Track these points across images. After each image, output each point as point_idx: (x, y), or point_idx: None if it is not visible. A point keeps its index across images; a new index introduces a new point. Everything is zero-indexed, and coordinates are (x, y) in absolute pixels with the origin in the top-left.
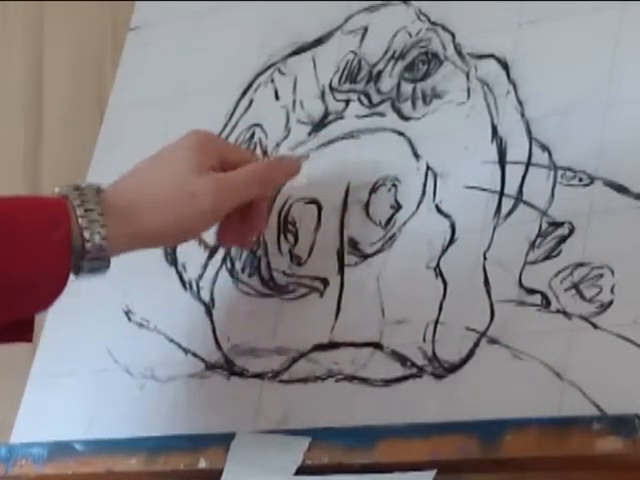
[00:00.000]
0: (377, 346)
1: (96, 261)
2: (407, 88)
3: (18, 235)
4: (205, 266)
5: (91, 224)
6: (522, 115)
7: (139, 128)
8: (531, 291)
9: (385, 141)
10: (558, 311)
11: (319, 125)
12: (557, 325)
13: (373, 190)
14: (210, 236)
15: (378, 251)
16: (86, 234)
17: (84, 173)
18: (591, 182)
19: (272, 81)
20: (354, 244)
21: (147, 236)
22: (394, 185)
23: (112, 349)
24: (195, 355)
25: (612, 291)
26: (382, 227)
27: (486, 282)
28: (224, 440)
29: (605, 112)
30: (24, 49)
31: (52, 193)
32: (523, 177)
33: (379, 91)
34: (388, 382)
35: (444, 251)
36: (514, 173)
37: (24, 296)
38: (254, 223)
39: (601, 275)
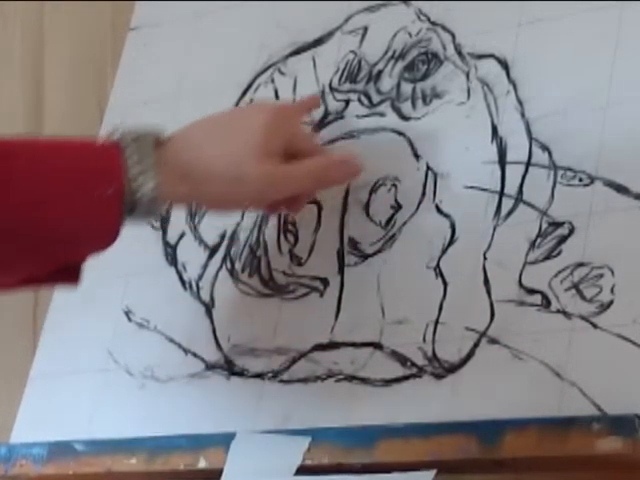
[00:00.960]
0: (377, 346)
1: (146, 212)
2: (407, 88)
3: (70, 189)
4: (205, 266)
5: (144, 179)
6: (522, 115)
7: None
8: (531, 291)
9: (385, 141)
10: (558, 311)
11: (319, 125)
12: (557, 325)
13: (373, 190)
14: (210, 236)
15: (378, 251)
16: (138, 188)
17: None
18: (591, 182)
19: (272, 81)
20: (354, 244)
21: (195, 198)
22: (394, 185)
23: (112, 349)
24: (195, 355)
25: (612, 291)
26: (382, 227)
27: (486, 282)
28: (224, 440)
29: (605, 112)
30: (24, 49)
31: (110, 135)
32: (523, 177)
33: (379, 91)
34: (388, 382)
35: (444, 251)
36: (514, 173)
37: (74, 246)
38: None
39: (601, 275)
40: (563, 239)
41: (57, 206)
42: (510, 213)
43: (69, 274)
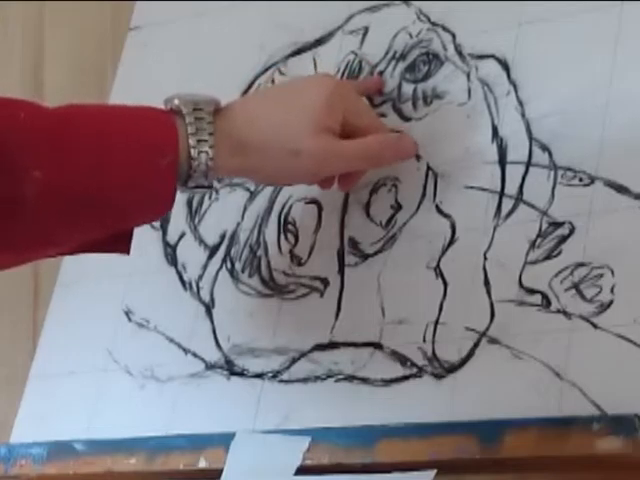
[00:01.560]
0: (377, 346)
1: (199, 182)
2: (408, 88)
3: (128, 157)
4: (205, 266)
5: (200, 150)
6: (522, 115)
7: None
8: (531, 291)
9: None
10: (558, 311)
11: None
12: (557, 325)
13: (373, 190)
14: (210, 236)
15: (378, 251)
16: (194, 159)
17: None
18: (591, 182)
19: (272, 81)
20: (354, 244)
21: (249, 172)
22: (394, 185)
23: (112, 349)
24: (195, 355)
25: (612, 291)
26: (382, 227)
27: (486, 282)
28: (224, 440)
29: (605, 112)
30: (24, 49)
31: (168, 102)
32: (523, 177)
33: (380, 91)
34: (388, 382)
35: (444, 251)
36: (514, 173)
37: (127, 213)
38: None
39: (601, 275)
40: (563, 239)
41: (114, 174)
42: (510, 213)
43: (120, 241)
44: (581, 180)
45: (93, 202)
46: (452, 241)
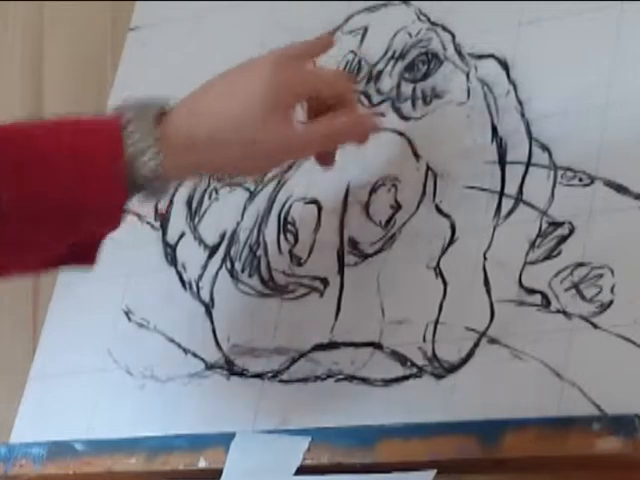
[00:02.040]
0: (377, 346)
1: (153, 188)
2: (407, 88)
3: (76, 166)
4: (205, 266)
5: (146, 156)
6: (522, 115)
7: None
8: (531, 291)
9: (385, 141)
10: (558, 311)
11: None
12: (557, 325)
13: (373, 190)
14: (210, 236)
15: (378, 251)
16: (140, 166)
17: None
18: (591, 182)
19: None
20: (354, 244)
21: (204, 168)
22: (394, 185)
23: (112, 349)
24: (195, 355)
25: (612, 291)
26: (382, 227)
27: (486, 282)
28: (224, 440)
29: (605, 112)
30: (24, 49)
31: (116, 108)
32: (523, 177)
33: (379, 91)
34: (388, 382)
35: (444, 251)
36: (514, 173)
37: (80, 223)
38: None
39: (601, 275)
40: (563, 239)
41: (64, 183)
42: (510, 213)
43: (85, 254)
44: (581, 180)
45: (42, 211)
46: (452, 241)
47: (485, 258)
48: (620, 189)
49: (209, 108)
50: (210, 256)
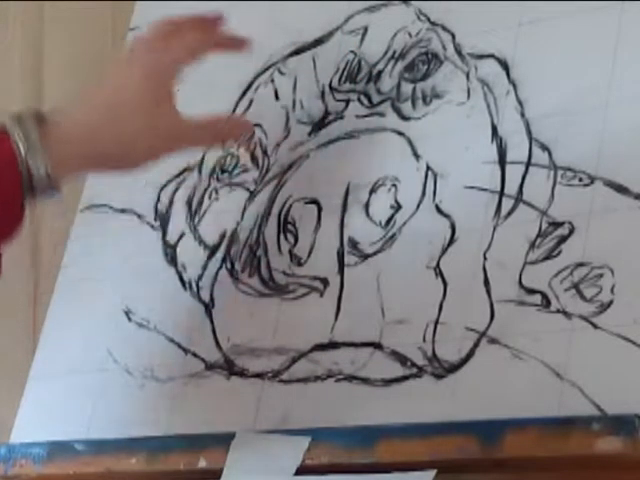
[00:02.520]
0: (377, 346)
1: (48, 187)
2: (407, 88)
3: None
4: (205, 266)
5: (35, 160)
6: (522, 115)
7: None
8: (531, 291)
9: (385, 141)
10: (558, 311)
11: (319, 125)
12: (557, 325)
13: (373, 190)
14: (210, 236)
15: (378, 251)
16: (32, 168)
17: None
18: (591, 182)
19: (272, 81)
20: (354, 244)
21: (92, 168)
22: (394, 185)
23: (112, 349)
24: (195, 355)
25: (612, 291)
26: (382, 227)
27: (486, 282)
28: (224, 440)
29: (605, 112)
30: (24, 49)
31: None
32: (523, 177)
33: (379, 91)
34: (388, 382)
35: (444, 251)
36: (514, 173)
37: None
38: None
39: (601, 275)
40: (563, 239)
41: None
42: (510, 213)
43: None
44: (581, 180)
45: None
46: (452, 241)
47: (485, 258)
48: (620, 189)
49: (97, 123)
50: (210, 256)
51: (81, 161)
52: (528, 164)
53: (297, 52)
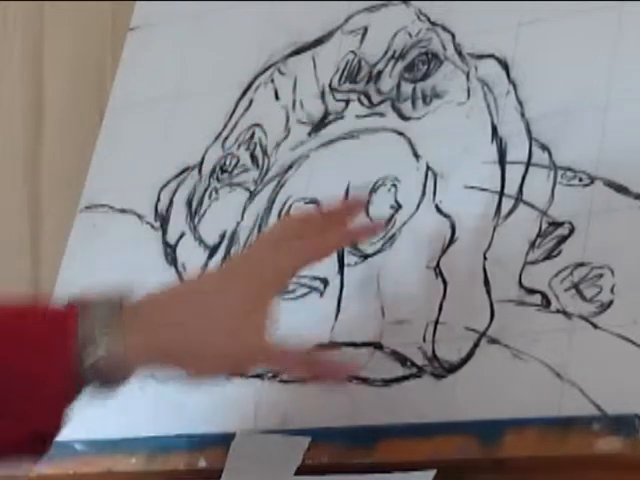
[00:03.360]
0: (377, 346)
1: (107, 377)
2: (407, 88)
3: (25, 352)
4: (205, 266)
5: (102, 342)
6: (522, 115)
7: (139, 128)
8: (531, 291)
9: (385, 141)
10: (558, 311)
11: (319, 125)
12: (557, 325)
13: (373, 190)
14: (210, 236)
15: (378, 251)
16: (92, 353)
17: (84, 173)
18: (591, 182)
19: (272, 81)
20: (354, 244)
21: (165, 357)
22: (394, 185)
23: None
24: None
25: (612, 291)
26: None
27: (486, 282)
28: (224, 440)
29: (605, 112)
30: (24, 49)
31: (70, 297)
32: (523, 177)
33: (379, 91)
34: (388, 382)
35: (444, 251)
36: (514, 173)
37: (28, 409)
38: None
39: (601, 275)
40: (563, 239)
41: (15, 368)
42: (510, 213)
43: (39, 442)
44: (581, 180)
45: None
46: (452, 241)
47: (485, 258)
48: (620, 189)
49: (185, 322)
50: (210, 256)
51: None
52: (528, 164)
53: (297, 52)
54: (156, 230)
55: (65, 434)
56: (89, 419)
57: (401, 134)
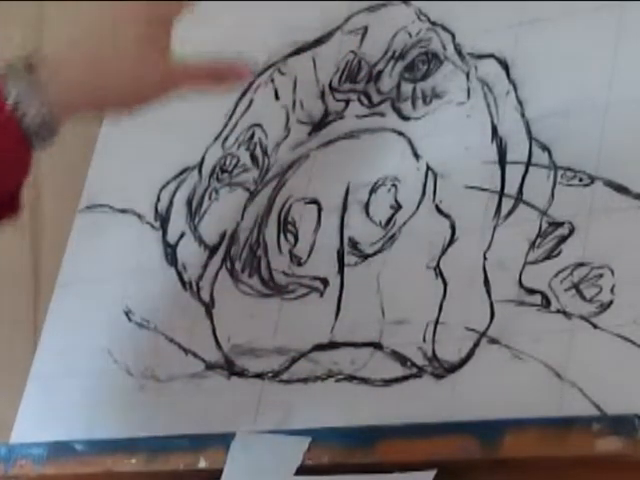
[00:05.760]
0: (377, 346)
1: (47, 129)
2: (407, 88)
3: None
4: (205, 266)
5: (29, 101)
6: (522, 115)
7: (139, 128)
8: (531, 291)
9: (385, 141)
10: (558, 311)
11: (319, 125)
12: (557, 325)
13: (373, 190)
14: (210, 236)
15: (378, 251)
16: (27, 110)
17: (84, 173)
18: (591, 182)
19: (272, 81)
20: (354, 244)
21: (96, 108)
22: (394, 185)
23: (112, 349)
24: (195, 355)
25: (612, 291)
26: (382, 227)
27: (486, 282)
28: (224, 440)
29: (605, 112)
30: (24, 49)
31: None
32: (523, 177)
33: (379, 91)
34: (388, 382)
35: (444, 251)
36: (514, 173)
37: None
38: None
39: (601, 275)
40: (563, 239)
41: None
42: (510, 213)
43: (7, 207)
44: (581, 180)
45: None
46: (452, 241)
47: (485, 258)
48: (620, 189)
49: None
50: (210, 256)
51: (76, 100)
52: (528, 164)
53: (297, 52)
54: (156, 230)
55: (65, 434)
56: (89, 419)
57: (401, 134)
